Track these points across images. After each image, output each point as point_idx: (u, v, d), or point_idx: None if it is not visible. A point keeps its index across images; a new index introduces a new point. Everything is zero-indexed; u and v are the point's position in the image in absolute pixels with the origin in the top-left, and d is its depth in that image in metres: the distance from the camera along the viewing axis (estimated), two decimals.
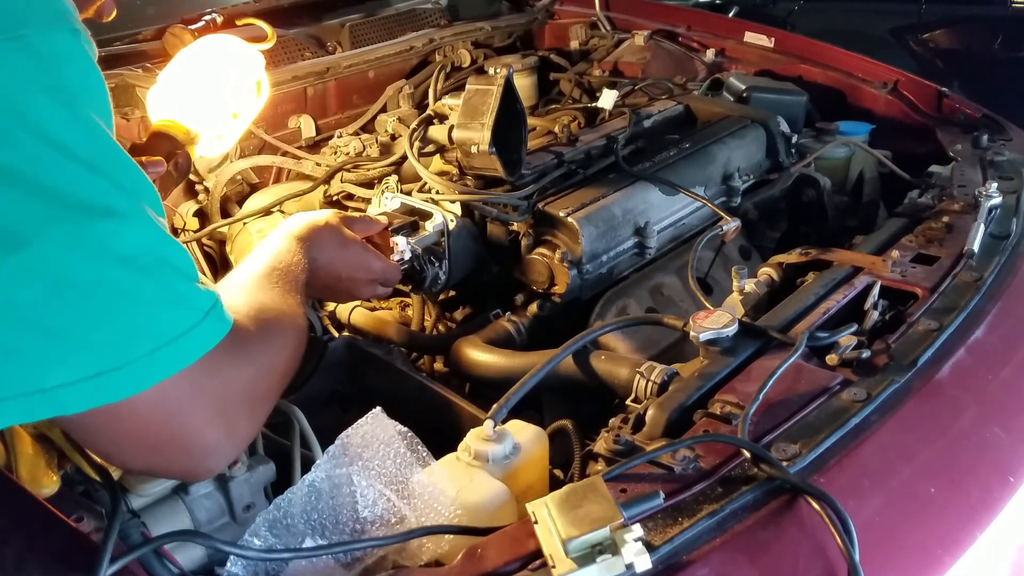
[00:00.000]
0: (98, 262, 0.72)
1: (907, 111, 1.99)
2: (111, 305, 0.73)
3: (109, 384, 0.73)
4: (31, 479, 0.83)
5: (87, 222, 0.72)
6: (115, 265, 0.73)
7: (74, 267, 0.71)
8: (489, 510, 0.90)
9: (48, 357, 0.71)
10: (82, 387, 0.71)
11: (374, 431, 0.96)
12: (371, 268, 1.25)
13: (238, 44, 1.48)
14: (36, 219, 0.69)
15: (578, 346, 1.19)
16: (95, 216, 0.72)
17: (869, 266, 1.29)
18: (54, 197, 0.70)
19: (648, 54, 2.33)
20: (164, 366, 0.75)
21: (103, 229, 0.73)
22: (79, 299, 0.71)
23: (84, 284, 0.71)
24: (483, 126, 1.40)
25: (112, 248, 0.73)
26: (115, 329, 0.73)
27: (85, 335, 0.72)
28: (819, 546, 0.81)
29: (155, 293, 0.76)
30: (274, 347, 0.90)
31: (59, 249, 0.70)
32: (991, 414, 1.07)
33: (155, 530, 0.91)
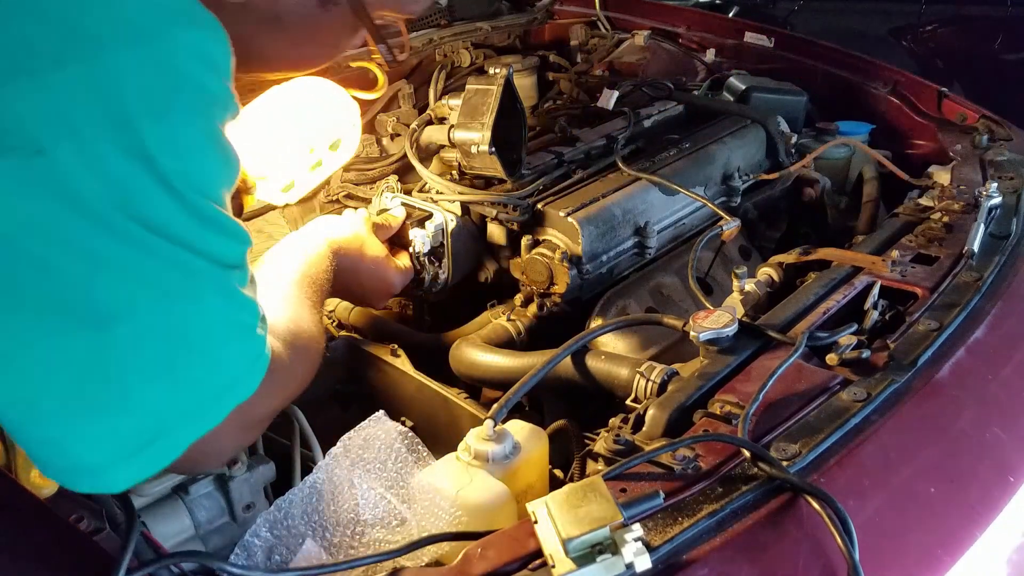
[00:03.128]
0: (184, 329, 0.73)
1: (907, 111, 1.99)
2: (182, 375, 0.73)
3: (150, 458, 0.74)
4: (31, 479, 0.83)
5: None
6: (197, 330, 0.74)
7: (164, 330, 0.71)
8: (489, 510, 0.90)
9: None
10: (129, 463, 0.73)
11: (376, 433, 0.96)
12: (391, 282, 1.28)
13: (337, 92, 1.36)
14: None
15: (578, 346, 1.19)
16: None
17: (869, 266, 1.29)
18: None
19: (648, 54, 2.33)
20: (221, 413, 0.77)
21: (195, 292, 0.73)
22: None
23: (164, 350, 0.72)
24: (483, 126, 1.40)
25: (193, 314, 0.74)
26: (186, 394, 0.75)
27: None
28: (819, 546, 0.81)
29: (229, 356, 0.77)
30: (301, 373, 0.92)
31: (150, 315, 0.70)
32: (991, 414, 1.07)
33: (155, 530, 0.91)
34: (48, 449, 0.72)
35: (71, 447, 0.71)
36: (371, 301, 1.32)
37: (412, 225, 1.41)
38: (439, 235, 1.42)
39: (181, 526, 0.95)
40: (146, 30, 0.67)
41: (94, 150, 0.64)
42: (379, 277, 1.28)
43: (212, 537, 0.98)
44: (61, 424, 0.70)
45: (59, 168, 0.63)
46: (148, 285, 0.70)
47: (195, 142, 0.71)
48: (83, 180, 0.64)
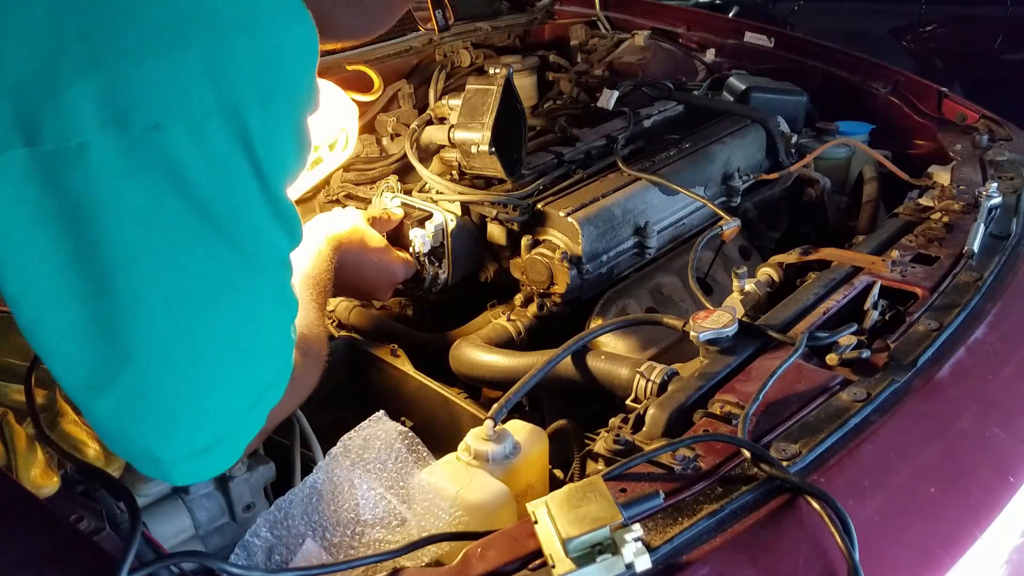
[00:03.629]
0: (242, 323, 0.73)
1: (907, 111, 1.99)
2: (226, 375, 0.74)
3: (215, 456, 0.75)
4: (31, 479, 0.83)
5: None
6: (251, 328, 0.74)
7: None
8: (489, 510, 0.90)
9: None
10: (190, 463, 0.74)
11: (376, 433, 0.96)
12: (395, 273, 1.28)
13: (337, 92, 1.36)
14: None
15: (578, 346, 1.19)
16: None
17: (869, 266, 1.29)
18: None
19: (648, 54, 2.33)
20: (244, 440, 0.77)
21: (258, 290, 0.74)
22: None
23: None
24: (483, 126, 1.40)
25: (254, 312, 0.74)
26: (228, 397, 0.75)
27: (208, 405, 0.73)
28: (819, 546, 0.81)
29: (276, 355, 0.78)
30: (310, 381, 0.92)
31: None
32: (991, 414, 1.07)
33: (155, 530, 0.91)
34: (116, 432, 0.72)
35: (140, 438, 0.71)
36: (376, 293, 1.32)
37: (412, 225, 1.41)
38: (439, 235, 1.42)
39: (181, 526, 0.95)
40: (264, 20, 0.68)
41: (204, 130, 0.64)
42: (382, 268, 1.27)
43: (212, 537, 0.98)
44: (135, 413, 0.70)
45: (171, 145, 0.63)
46: (225, 276, 0.70)
47: (286, 134, 0.72)
48: (189, 159, 0.64)
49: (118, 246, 0.64)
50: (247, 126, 0.67)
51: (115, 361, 0.66)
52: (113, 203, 0.63)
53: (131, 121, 0.61)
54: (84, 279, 0.64)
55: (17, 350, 1.01)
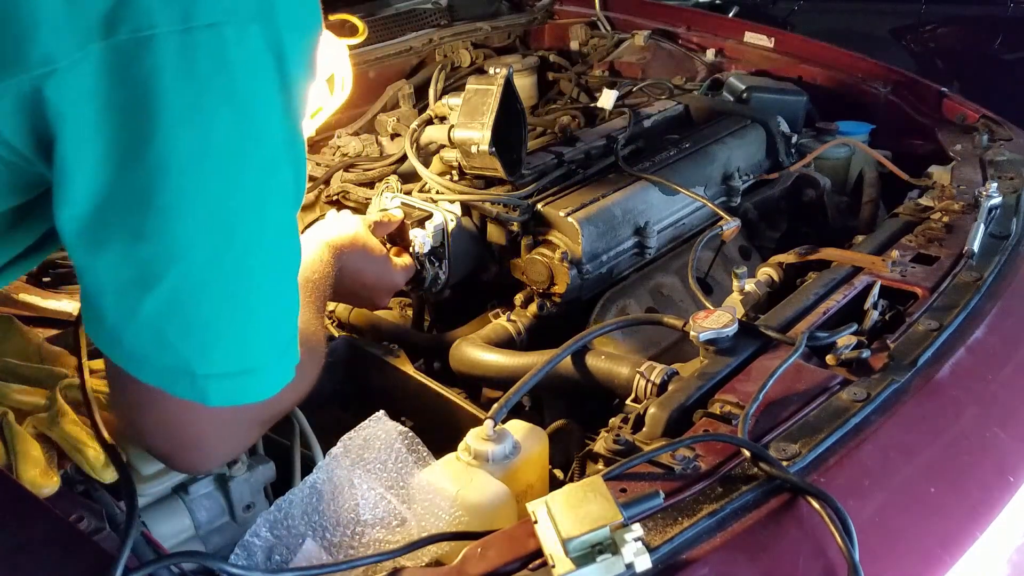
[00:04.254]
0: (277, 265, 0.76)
1: (907, 111, 1.99)
2: (275, 306, 0.76)
3: (251, 383, 0.75)
4: (31, 479, 0.83)
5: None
6: (288, 272, 0.77)
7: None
8: (489, 510, 0.90)
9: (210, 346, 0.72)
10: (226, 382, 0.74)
11: (376, 433, 0.96)
12: (395, 280, 1.29)
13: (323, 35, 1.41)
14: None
15: (578, 346, 1.19)
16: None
17: (869, 266, 1.29)
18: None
19: (648, 54, 2.33)
20: (279, 379, 0.78)
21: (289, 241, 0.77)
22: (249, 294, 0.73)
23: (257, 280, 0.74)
24: (483, 126, 1.40)
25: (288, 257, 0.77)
26: (270, 331, 0.76)
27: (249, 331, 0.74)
28: (819, 546, 0.81)
29: (293, 300, 0.79)
30: (310, 377, 0.92)
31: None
32: (991, 414, 1.07)
33: (155, 530, 0.91)
34: (157, 340, 0.71)
35: (181, 346, 0.71)
36: (375, 300, 1.32)
37: (412, 225, 1.41)
38: (439, 235, 1.42)
39: (181, 526, 0.95)
40: None
41: (248, 35, 0.67)
42: (381, 275, 1.28)
43: (212, 537, 0.98)
44: (180, 315, 0.70)
45: (223, 44, 0.66)
46: (266, 191, 0.72)
47: (307, 61, 0.75)
48: (236, 62, 0.67)
49: (171, 140, 0.66)
50: (281, 40, 0.70)
51: (163, 259, 0.68)
52: (170, 98, 0.65)
53: (193, 16, 0.64)
54: (137, 173, 0.66)
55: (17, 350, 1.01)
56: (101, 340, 0.73)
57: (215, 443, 0.81)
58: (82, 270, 0.70)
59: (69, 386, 0.94)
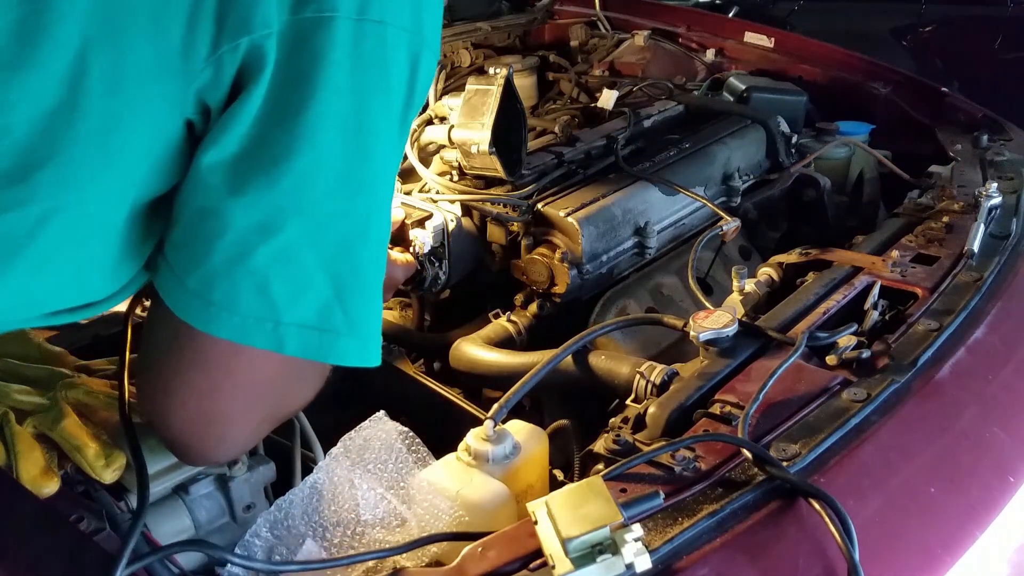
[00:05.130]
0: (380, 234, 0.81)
1: (907, 111, 1.99)
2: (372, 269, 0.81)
3: (328, 342, 0.77)
4: (31, 479, 0.83)
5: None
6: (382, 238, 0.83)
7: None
8: (489, 510, 0.90)
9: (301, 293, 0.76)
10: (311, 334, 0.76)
11: (376, 433, 0.96)
12: (395, 277, 1.30)
13: None
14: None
15: (578, 346, 1.19)
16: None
17: (869, 266, 1.29)
18: None
19: (648, 54, 2.33)
20: (355, 351, 0.80)
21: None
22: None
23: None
24: (483, 126, 1.40)
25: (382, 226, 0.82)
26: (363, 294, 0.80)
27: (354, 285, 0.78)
28: (819, 546, 0.81)
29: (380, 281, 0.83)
30: (322, 379, 0.92)
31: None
32: (991, 414, 1.07)
33: (155, 530, 0.91)
34: (257, 284, 0.74)
35: (278, 291, 0.74)
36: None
37: (412, 225, 1.41)
38: (439, 235, 1.42)
39: (181, 526, 0.95)
40: None
41: (400, 41, 0.76)
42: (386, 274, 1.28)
43: (212, 537, 0.97)
44: (289, 263, 0.74)
45: (385, 41, 0.75)
46: (384, 173, 0.80)
47: (430, 79, 0.83)
48: (393, 59, 0.76)
49: (325, 107, 0.72)
50: (420, 57, 0.78)
51: (290, 211, 0.73)
52: (334, 72, 0.72)
53: (367, 10, 0.73)
54: (288, 129, 0.72)
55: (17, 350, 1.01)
56: (180, 292, 0.75)
57: (237, 423, 0.83)
58: (206, 213, 0.73)
59: (69, 386, 0.94)
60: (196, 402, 0.80)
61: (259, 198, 0.72)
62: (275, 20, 0.70)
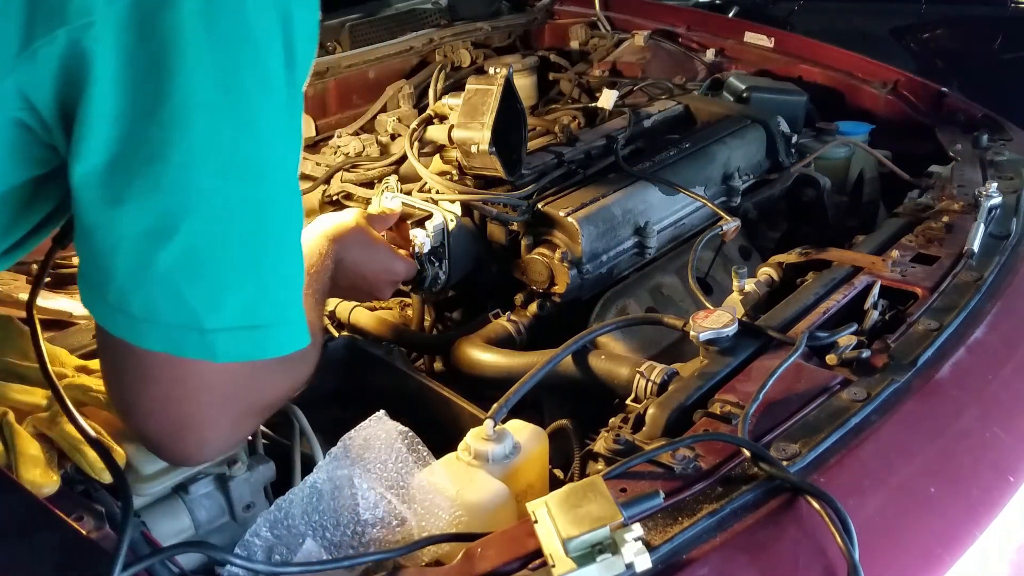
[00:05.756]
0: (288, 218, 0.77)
1: (907, 111, 1.99)
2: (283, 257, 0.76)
3: (260, 339, 0.74)
4: (31, 479, 0.83)
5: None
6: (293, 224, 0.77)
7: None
8: (489, 510, 0.90)
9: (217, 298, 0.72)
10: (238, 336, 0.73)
11: (376, 433, 0.96)
12: (395, 270, 1.28)
13: None
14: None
15: (578, 346, 1.19)
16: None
17: (869, 266, 1.29)
18: None
19: (648, 54, 2.33)
20: (289, 340, 0.77)
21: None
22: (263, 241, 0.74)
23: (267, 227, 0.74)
24: (483, 126, 1.40)
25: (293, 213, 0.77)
26: (279, 287, 0.76)
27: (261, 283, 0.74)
28: (819, 546, 0.81)
29: (299, 262, 0.79)
30: (306, 363, 0.91)
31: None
32: (991, 414, 1.07)
33: (155, 529, 0.91)
34: (168, 294, 0.70)
35: (192, 298, 0.70)
36: (376, 292, 1.30)
37: (412, 225, 1.41)
38: (439, 235, 1.42)
39: (181, 526, 0.95)
40: None
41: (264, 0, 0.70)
42: (383, 266, 1.27)
43: (212, 537, 0.97)
44: (192, 268, 0.70)
45: (244, 3, 0.69)
46: (276, 149, 0.74)
47: (313, 34, 0.77)
48: (255, 21, 0.69)
49: (190, 94, 0.67)
50: (289, 10, 0.71)
51: (180, 210, 0.68)
52: (191, 53, 0.66)
53: None
54: (155, 125, 0.67)
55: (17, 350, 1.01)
56: (105, 309, 0.72)
57: (211, 425, 0.79)
58: (94, 228, 0.70)
59: (69, 386, 0.94)
60: (160, 413, 0.78)
61: (142, 203, 0.68)
62: (99, 7, 0.64)
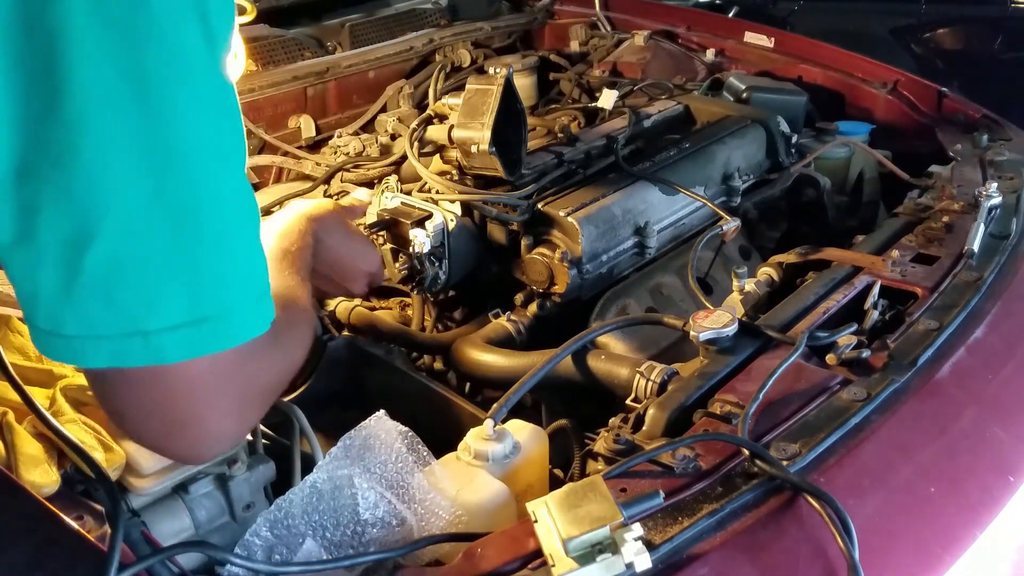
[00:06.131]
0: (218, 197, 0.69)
1: (907, 111, 1.99)
2: (220, 247, 0.69)
3: (210, 332, 0.67)
4: (31, 479, 0.83)
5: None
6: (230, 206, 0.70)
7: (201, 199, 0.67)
8: (489, 510, 0.90)
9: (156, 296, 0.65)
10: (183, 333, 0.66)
11: (376, 433, 0.96)
12: (372, 260, 1.23)
13: None
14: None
15: (578, 346, 1.19)
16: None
17: (869, 266, 1.29)
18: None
19: (648, 54, 2.33)
20: (243, 328, 0.70)
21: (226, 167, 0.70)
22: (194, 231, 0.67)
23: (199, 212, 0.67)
24: (483, 126, 1.40)
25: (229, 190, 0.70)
26: (221, 275, 0.69)
27: (195, 275, 0.67)
28: (819, 545, 0.82)
29: (251, 248, 0.72)
30: (298, 342, 0.87)
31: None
32: (991, 414, 1.07)
33: (155, 529, 0.91)
34: (104, 303, 0.65)
35: (130, 303, 0.65)
36: (350, 283, 1.21)
37: (412, 225, 1.41)
38: (439, 235, 1.42)
39: (181, 525, 0.95)
40: None
41: None
42: (362, 254, 1.21)
43: (212, 536, 0.98)
44: (122, 272, 0.64)
45: None
46: (198, 132, 0.67)
47: (229, 11, 0.70)
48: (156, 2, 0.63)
49: (88, 88, 0.61)
50: None
51: (98, 211, 0.63)
52: (84, 45, 0.61)
53: None
54: (56, 126, 0.62)
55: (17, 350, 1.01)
56: (42, 332, 0.67)
57: (209, 419, 0.73)
58: (12, 247, 0.65)
59: (69, 386, 0.94)
60: (151, 419, 0.73)
61: (57, 210, 0.63)
62: None
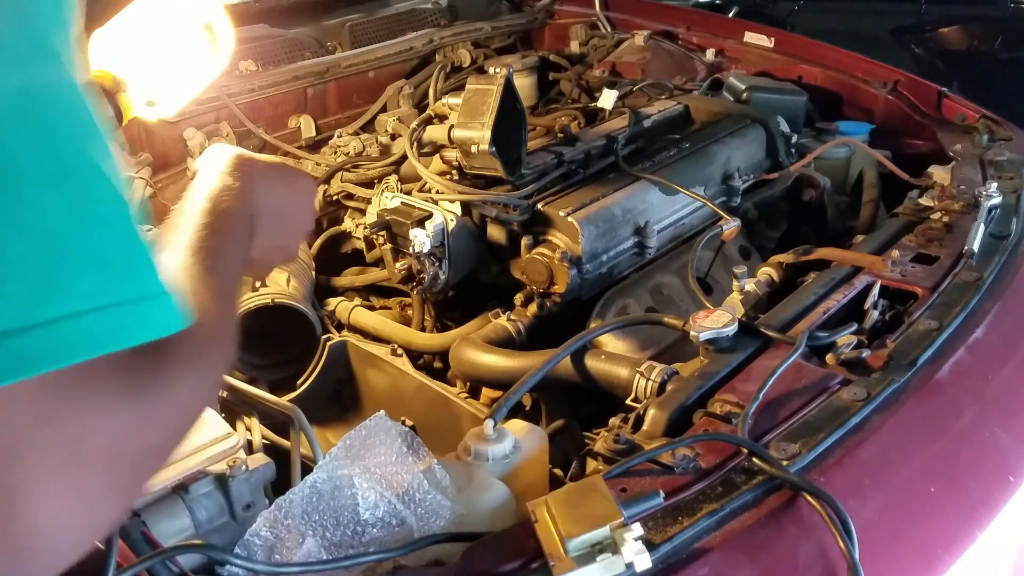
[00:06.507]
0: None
1: (907, 111, 1.99)
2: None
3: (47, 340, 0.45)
4: None
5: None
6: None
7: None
8: (489, 510, 0.90)
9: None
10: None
11: (377, 433, 0.96)
12: (309, 181, 0.92)
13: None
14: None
15: (578, 346, 1.19)
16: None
17: (869, 266, 1.29)
18: None
19: (648, 54, 2.33)
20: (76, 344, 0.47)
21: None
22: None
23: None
24: (483, 126, 1.40)
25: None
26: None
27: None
28: (819, 545, 0.81)
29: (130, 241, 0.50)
30: (212, 369, 0.62)
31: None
32: (991, 414, 1.07)
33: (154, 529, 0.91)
34: None
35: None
36: (291, 242, 0.89)
37: (412, 225, 1.41)
38: (439, 235, 1.42)
39: (181, 525, 0.95)
40: None
41: None
42: (309, 201, 0.90)
43: (212, 536, 0.97)
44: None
45: None
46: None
47: None
48: None
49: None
50: None
51: None
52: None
53: None
54: None
55: None
56: None
57: (23, 484, 0.45)
58: None
59: None
60: None
61: None
62: None
